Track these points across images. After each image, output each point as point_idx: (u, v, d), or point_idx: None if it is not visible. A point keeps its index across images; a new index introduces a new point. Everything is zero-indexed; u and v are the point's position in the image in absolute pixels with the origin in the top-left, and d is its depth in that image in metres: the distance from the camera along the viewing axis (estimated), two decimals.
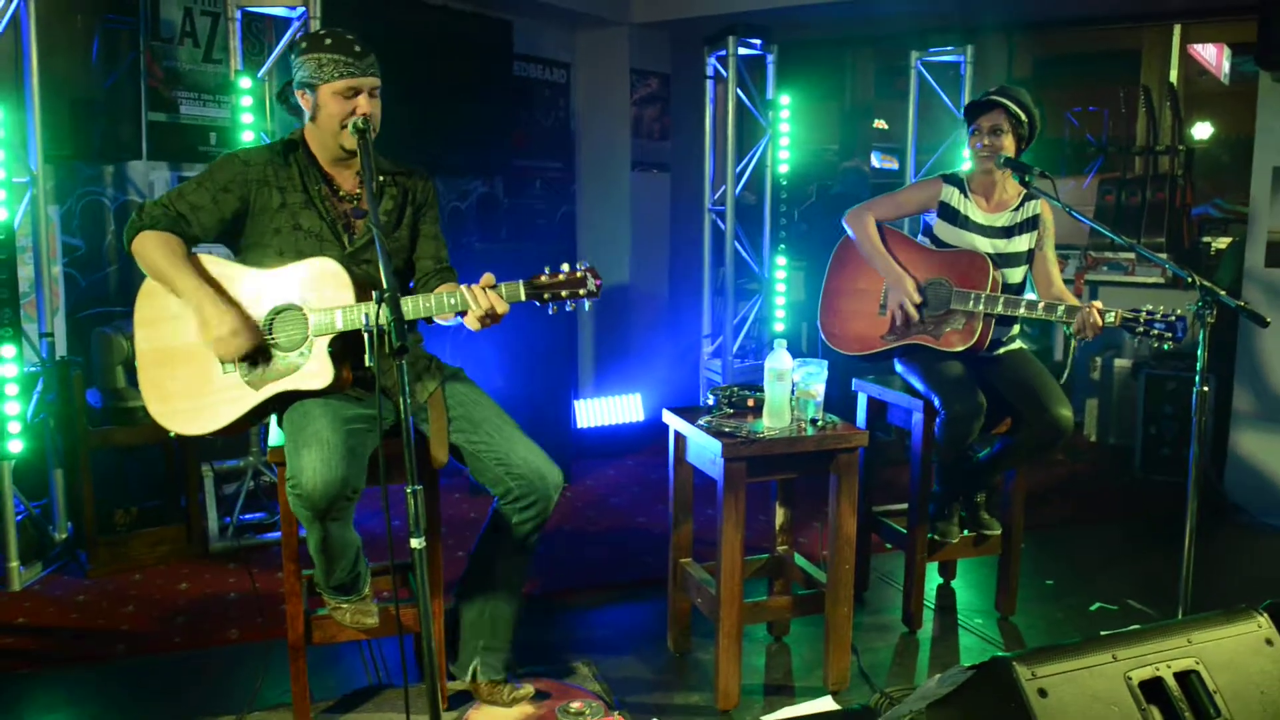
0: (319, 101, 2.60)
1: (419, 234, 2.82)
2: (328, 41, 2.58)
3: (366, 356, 2.02)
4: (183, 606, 3.60)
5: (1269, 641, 2.26)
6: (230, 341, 2.51)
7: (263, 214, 2.64)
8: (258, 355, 2.57)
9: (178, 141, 4.69)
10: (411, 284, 2.84)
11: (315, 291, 2.54)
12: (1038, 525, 4.56)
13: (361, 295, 2.54)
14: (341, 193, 2.71)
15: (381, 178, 2.75)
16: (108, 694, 3.04)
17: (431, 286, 2.76)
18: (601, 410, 5.71)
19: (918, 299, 3.36)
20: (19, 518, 3.77)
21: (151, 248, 2.57)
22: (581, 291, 2.52)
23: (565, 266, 2.52)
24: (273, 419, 2.82)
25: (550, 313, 2.55)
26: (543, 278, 2.52)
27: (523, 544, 2.79)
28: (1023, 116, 3.30)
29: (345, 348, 2.58)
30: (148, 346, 2.64)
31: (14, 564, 3.71)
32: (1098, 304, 3.06)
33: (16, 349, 3.74)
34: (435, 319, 2.74)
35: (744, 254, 5.76)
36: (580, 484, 5.13)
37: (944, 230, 3.42)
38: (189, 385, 2.60)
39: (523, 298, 2.51)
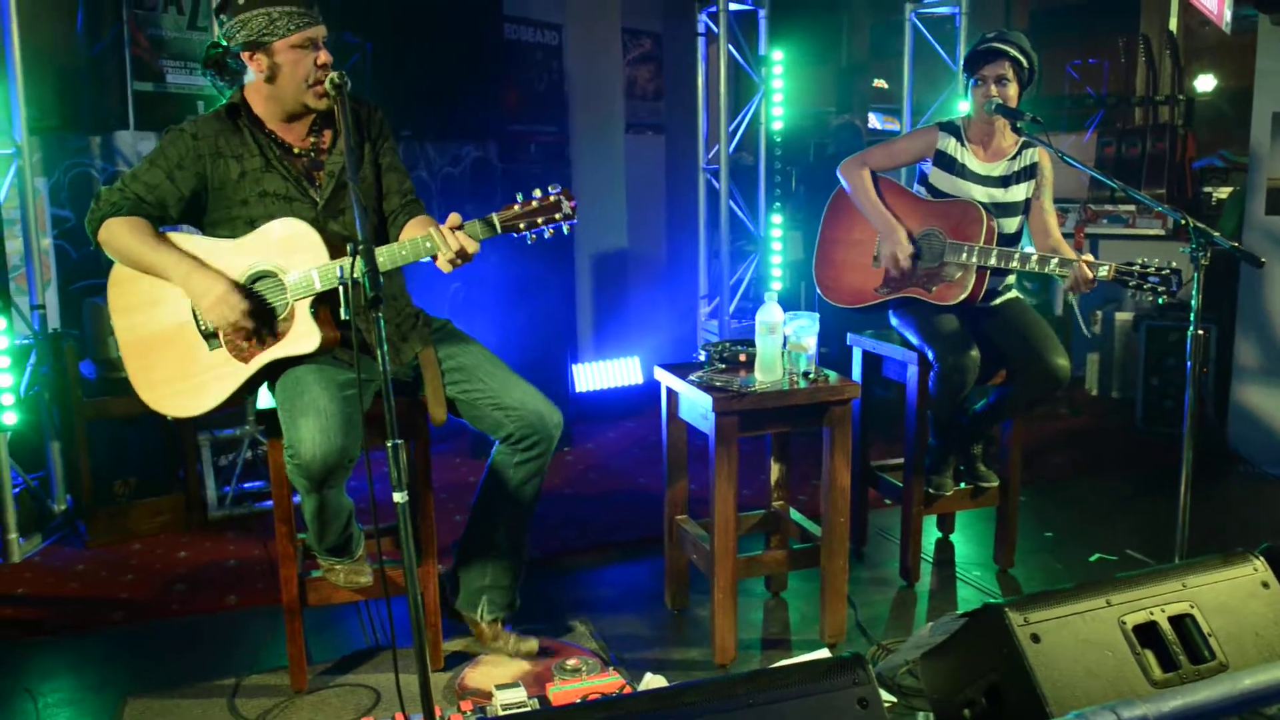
0: (275, 60, 2.48)
1: (380, 169, 2.73)
2: None
3: (342, 310, 1.99)
4: (182, 574, 3.60)
5: (1265, 585, 2.25)
6: (225, 306, 2.45)
7: (224, 187, 2.57)
8: (259, 319, 2.50)
9: (165, 111, 4.64)
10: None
11: (287, 255, 2.48)
12: (1037, 478, 4.55)
13: (335, 252, 2.47)
14: (296, 150, 2.62)
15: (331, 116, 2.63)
16: (107, 660, 3.05)
17: (401, 224, 2.69)
18: (600, 374, 5.69)
19: (910, 250, 3.32)
20: (16, 490, 3.77)
21: (121, 234, 2.51)
22: (558, 216, 2.44)
23: (537, 192, 2.45)
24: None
25: (529, 242, 2.47)
26: (515, 207, 2.45)
27: (526, 487, 2.78)
28: (1024, 62, 3.25)
29: (330, 307, 2.53)
30: (129, 337, 2.59)
31: (13, 536, 3.72)
32: (1088, 257, 3.02)
33: (8, 321, 3.74)
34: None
35: (739, 213, 5.72)
36: (580, 447, 5.12)
37: (940, 179, 3.37)
38: (177, 369, 2.57)
39: (498, 231, 2.45)
